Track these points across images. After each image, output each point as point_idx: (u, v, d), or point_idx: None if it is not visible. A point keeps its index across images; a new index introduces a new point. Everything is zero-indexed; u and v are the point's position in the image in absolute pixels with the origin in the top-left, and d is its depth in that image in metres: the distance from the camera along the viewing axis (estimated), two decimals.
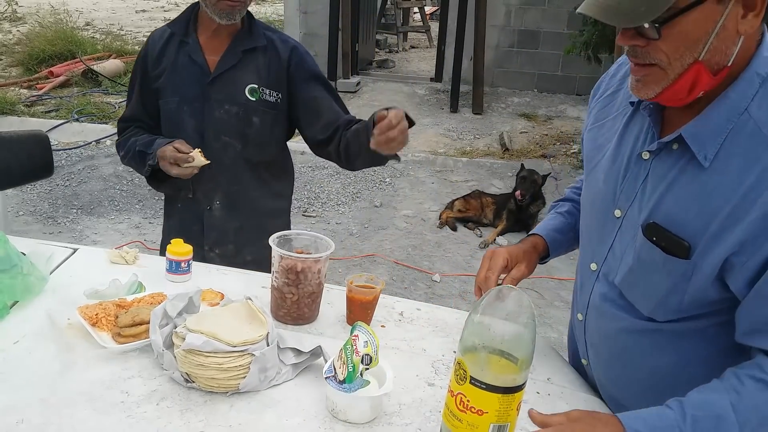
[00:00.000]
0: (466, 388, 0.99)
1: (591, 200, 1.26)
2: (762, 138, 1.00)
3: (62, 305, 1.38)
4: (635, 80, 1.06)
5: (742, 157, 1.01)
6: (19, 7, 11.80)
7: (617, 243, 1.18)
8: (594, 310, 1.24)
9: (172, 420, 1.09)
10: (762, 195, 0.98)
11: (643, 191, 1.13)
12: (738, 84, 1.02)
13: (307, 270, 1.36)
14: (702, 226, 1.04)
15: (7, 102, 6.59)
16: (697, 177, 1.05)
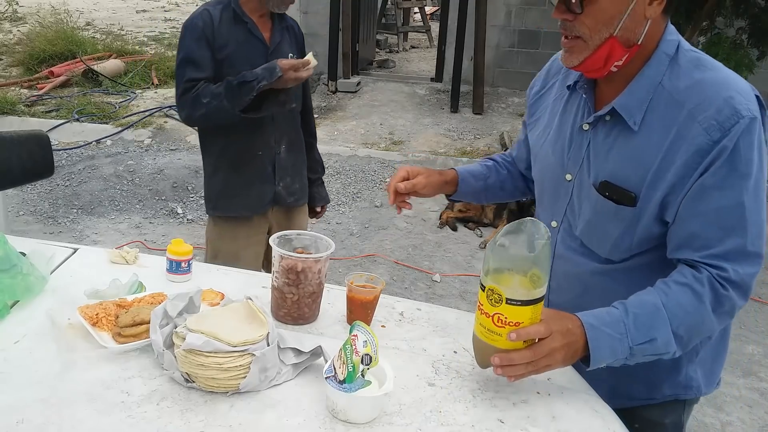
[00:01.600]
0: (503, 308, 1.15)
1: (542, 171, 1.49)
2: (675, 103, 1.25)
3: (62, 305, 1.38)
4: (564, 51, 1.30)
5: (662, 120, 1.26)
6: (19, 7, 11.80)
7: (575, 201, 1.40)
8: (559, 259, 1.45)
9: (172, 420, 1.09)
10: (681, 147, 1.23)
11: (588, 156, 1.36)
12: (651, 63, 1.28)
13: (307, 270, 1.37)
14: (641, 179, 1.28)
15: (8, 102, 6.59)
16: (630, 140, 1.29)
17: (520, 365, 1.17)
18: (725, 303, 1.24)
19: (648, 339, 1.20)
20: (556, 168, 1.44)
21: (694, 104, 1.23)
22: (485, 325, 1.18)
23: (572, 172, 1.40)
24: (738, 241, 1.23)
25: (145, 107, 6.81)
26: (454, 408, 1.19)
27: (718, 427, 3.07)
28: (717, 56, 4.79)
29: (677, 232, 1.28)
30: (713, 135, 1.20)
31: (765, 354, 3.71)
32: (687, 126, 1.22)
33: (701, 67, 1.27)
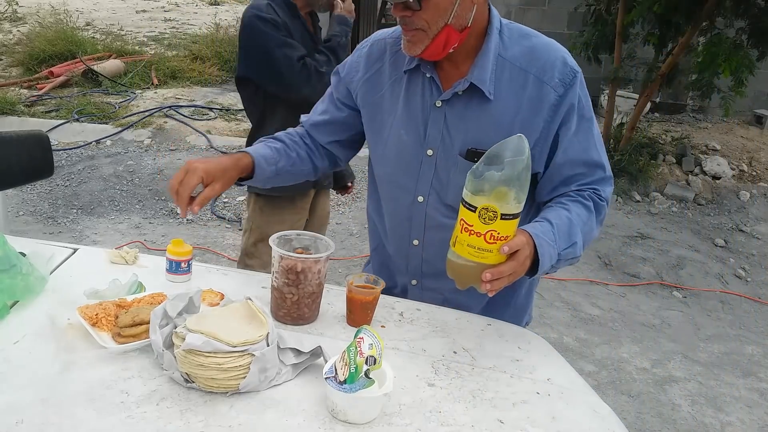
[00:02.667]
0: (497, 225, 1.22)
1: (396, 152, 1.56)
2: (518, 70, 1.45)
3: (62, 305, 1.38)
4: (406, 41, 1.43)
5: (511, 86, 1.45)
6: (19, 7, 11.79)
7: (440, 173, 1.52)
8: (432, 230, 1.57)
9: (171, 420, 1.09)
10: (536, 107, 1.44)
11: (447, 130, 1.49)
12: (488, 39, 1.45)
13: (307, 270, 1.36)
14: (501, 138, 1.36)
15: (8, 102, 6.58)
16: (487, 108, 1.46)
17: (505, 277, 1.27)
18: (603, 213, 1.50)
19: (570, 244, 1.39)
20: (414, 146, 1.53)
21: (537, 69, 1.45)
22: (475, 244, 1.24)
23: (433, 147, 1.51)
24: (600, 172, 1.50)
25: (144, 107, 6.81)
26: (454, 408, 1.19)
27: (717, 428, 3.07)
28: (717, 56, 4.79)
29: (551, 179, 1.50)
30: (559, 91, 1.44)
31: (764, 354, 3.71)
32: (537, 88, 1.44)
33: (526, 36, 1.49)
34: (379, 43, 1.61)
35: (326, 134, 1.69)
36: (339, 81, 1.67)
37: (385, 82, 1.58)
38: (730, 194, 5.72)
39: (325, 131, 1.69)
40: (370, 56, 1.61)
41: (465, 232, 1.24)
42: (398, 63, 1.55)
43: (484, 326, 1.49)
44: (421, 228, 1.58)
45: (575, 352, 3.55)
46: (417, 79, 1.52)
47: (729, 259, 4.83)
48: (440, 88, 1.49)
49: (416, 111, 1.52)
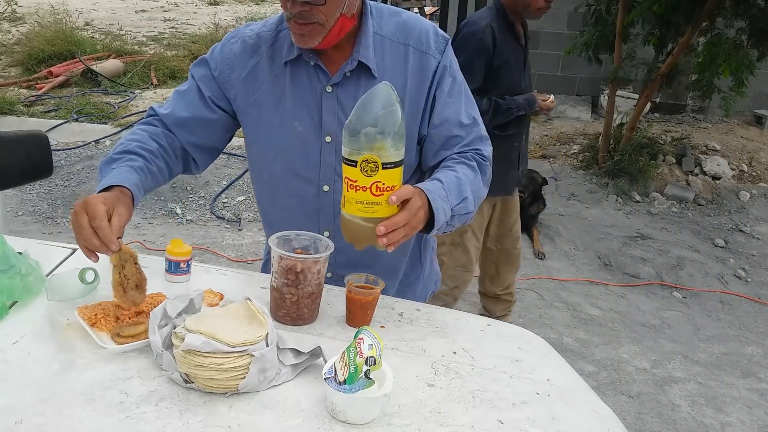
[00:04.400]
0: (380, 175, 1.22)
1: (293, 147, 1.54)
2: (397, 44, 1.51)
3: (61, 306, 1.37)
4: (299, 35, 1.42)
5: (392, 60, 1.51)
6: (18, 7, 11.79)
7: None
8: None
9: (171, 421, 1.09)
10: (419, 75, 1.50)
11: (343, 112, 1.49)
12: (365, 19, 1.50)
13: (306, 270, 1.36)
14: None
15: (7, 102, 6.58)
16: (374, 84, 1.39)
17: (401, 228, 1.27)
18: (487, 173, 1.56)
19: (461, 199, 1.43)
20: (311, 136, 1.53)
21: (414, 40, 1.51)
22: (363, 199, 1.24)
23: (331, 132, 1.52)
24: (476, 130, 1.56)
25: (144, 107, 6.80)
26: (454, 408, 1.18)
27: (717, 428, 3.07)
28: (717, 57, 4.79)
29: (432, 141, 1.55)
30: (437, 57, 1.51)
31: (765, 355, 3.71)
32: (417, 57, 1.51)
33: (395, 13, 1.55)
34: (250, 39, 1.56)
35: (190, 134, 1.58)
36: (210, 78, 1.57)
37: (264, 78, 1.54)
38: (730, 194, 5.72)
39: (189, 131, 1.58)
40: (243, 53, 1.56)
41: (351, 189, 1.25)
42: (275, 56, 1.53)
43: (484, 326, 1.49)
44: (330, 217, 1.59)
45: (575, 352, 3.55)
46: (301, 69, 1.51)
47: (729, 259, 4.83)
48: (327, 73, 1.50)
49: (306, 100, 1.52)
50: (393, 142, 1.21)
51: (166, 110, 1.59)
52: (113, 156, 1.48)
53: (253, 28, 1.59)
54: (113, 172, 1.42)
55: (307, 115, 1.53)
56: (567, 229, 5.07)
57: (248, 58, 1.55)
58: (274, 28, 1.56)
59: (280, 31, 1.55)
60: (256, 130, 1.58)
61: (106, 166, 1.46)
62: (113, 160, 1.47)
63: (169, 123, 1.58)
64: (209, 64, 1.58)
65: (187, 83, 1.61)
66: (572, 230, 5.06)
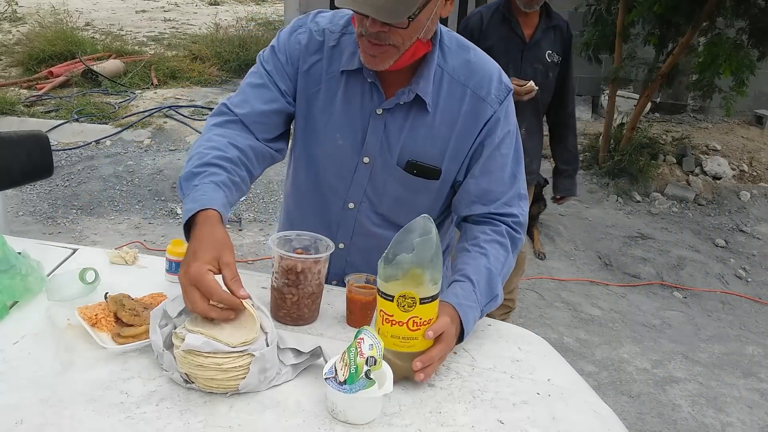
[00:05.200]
0: (417, 310, 1.18)
1: (330, 157, 1.51)
2: (456, 83, 1.45)
3: (61, 306, 1.37)
4: (370, 56, 1.34)
5: (448, 98, 1.45)
6: (19, 7, 11.79)
7: (377, 181, 1.50)
8: (360, 236, 1.57)
9: (171, 421, 1.09)
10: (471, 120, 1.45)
11: (387, 138, 1.46)
12: (433, 49, 1.42)
13: (307, 270, 1.36)
14: (441, 152, 1.47)
15: (7, 102, 6.58)
16: (426, 120, 1.45)
17: (436, 361, 1.23)
18: (519, 245, 1.52)
19: (491, 298, 1.41)
20: (350, 152, 1.49)
21: (474, 83, 1.45)
22: (399, 334, 1.20)
23: (371, 155, 1.48)
24: (517, 188, 1.51)
25: (144, 107, 6.80)
26: (454, 409, 1.18)
27: (718, 428, 3.07)
28: (717, 57, 4.79)
29: (469, 191, 1.50)
30: (494, 106, 1.45)
31: (765, 355, 3.71)
32: (474, 102, 1.44)
33: (465, 48, 1.47)
34: (317, 33, 1.49)
35: (269, 131, 1.51)
36: (281, 69, 1.50)
37: (321, 78, 1.48)
38: (731, 194, 5.72)
39: (268, 128, 1.51)
40: (309, 46, 1.49)
41: (387, 323, 1.20)
42: (334, 59, 1.47)
43: (484, 327, 1.49)
44: (349, 233, 1.58)
45: (575, 352, 3.55)
46: (356, 82, 1.46)
47: (729, 259, 4.83)
48: (382, 95, 1.44)
49: (354, 116, 1.47)
50: (431, 275, 1.17)
51: (243, 109, 1.48)
52: (193, 170, 1.36)
53: (320, 21, 1.50)
54: (196, 190, 1.32)
55: (351, 131, 1.48)
56: (567, 229, 5.07)
57: (312, 52, 1.49)
58: (339, 30, 1.48)
59: (344, 35, 1.47)
60: (303, 129, 1.54)
61: (186, 183, 1.35)
62: (194, 175, 1.35)
63: (247, 122, 1.48)
64: (278, 54, 1.50)
65: (258, 76, 1.52)
66: (573, 230, 5.06)
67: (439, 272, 1.18)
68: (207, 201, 1.28)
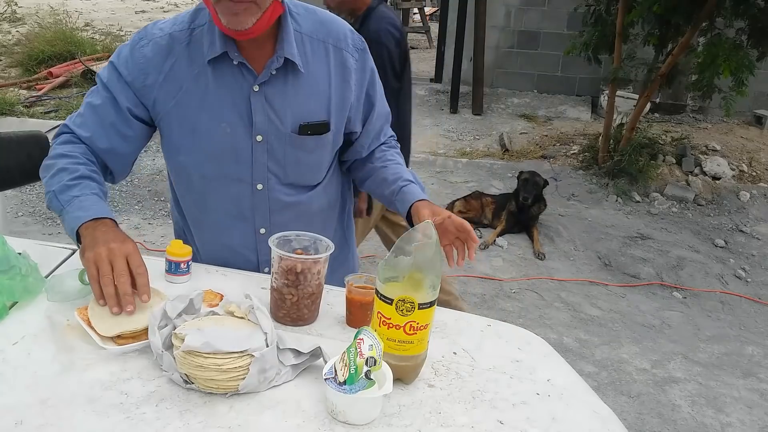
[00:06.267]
0: (415, 315, 1.18)
1: (223, 149, 1.53)
2: (317, 42, 1.54)
3: (61, 306, 1.37)
4: (233, 14, 1.36)
5: (315, 57, 1.53)
6: (18, 8, 11.79)
7: (276, 154, 1.56)
8: (277, 213, 1.62)
9: (171, 421, 1.09)
10: (343, 72, 1.56)
11: (273, 111, 1.51)
12: (285, 15, 1.49)
13: (306, 271, 1.36)
14: (325, 107, 1.55)
15: (7, 103, 6.58)
16: (302, 81, 1.52)
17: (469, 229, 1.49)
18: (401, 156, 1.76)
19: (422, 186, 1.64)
20: (240, 137, 1.52)
21: (333, 39, 1.55)
22: (395, 337, 1.19)
23: (262, 132, 1.52)
24: (388, 114, 1.73)
25: None
26: (454, 409, 1.18)
27: (717, 428, 3.07)
28: (717, 57, 4.79)
29: (368, 134, 1.67)
30: (356, 56, 1.58)
31: (765, 355, 3.71)
32: (338, 56, 1.55)
33: (312, 11, 1.56)
34: (162, 39, 1.50)
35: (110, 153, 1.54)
36: (123, 86, 1.50)
37: (183, 80, 1.49)
38: (730, 195, 5.72)
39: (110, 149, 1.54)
40: (157, 55, 1.49)
41: (383, 326, 1.20)
42: (193, 55, 1.49)
43: (484, 327, 1.49)
44: (266, 215, 1.62)
45: (575, 352, 3.55)
46: (224, 68, 1.48)
47: (729, 259, 4.83)
48: (253, 72, 1.48)
49: (234, 100, 1.50)
50: (431, 281, 1.17)
51: (86, 133, 1.52)
52: (67, 183, 1.42)
53: (162, 27, 1.53)
54: (81, 201, 1.40)
55: (236, 116, 1.51)
56: (567, 229, 5.07)
57: (163, 60, 1.49)
58: (186, 27, 1.51)
59: (193, 30, 1.50)
60: (181, 135, 1.53)
61: (63, 194, 1.41)
62: (69, 187, 1.42)
63: (89, 144, 1.52)
64: (119, 70, 1.50)
65: (98, 94, 1.53)
66: (572, 230, 5.06)
67: (438, 278, 1.18)
68: (101, 211, 1.39)
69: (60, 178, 1.43)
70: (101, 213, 1.38)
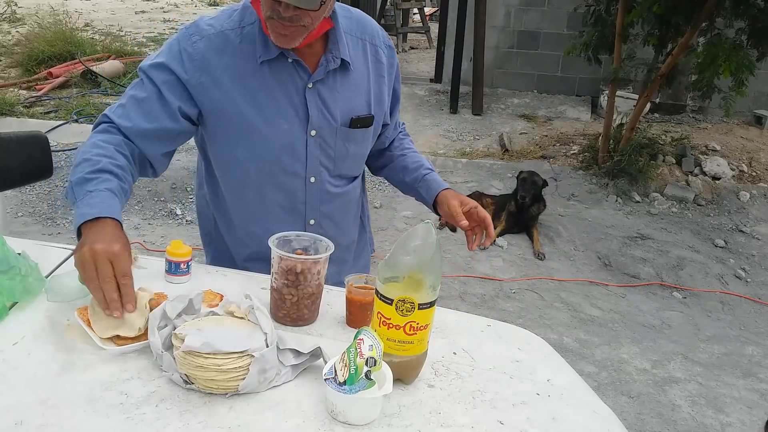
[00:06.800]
0: (415, 315, 1.18)
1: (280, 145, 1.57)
2: (355, 39, 1.61)
3: (61, 307, 1.37)
4: (281, 35, 1.43)
5: (356, 54, 1.60)
6: (18, 8, 11.79)
7: (328, 148, 1.62)
8: (326, 204, 1.68)
9: (171, 422, 1.09)
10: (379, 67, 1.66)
11: (326, 107, 1.58)
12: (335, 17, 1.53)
13: (306, 271, 1.36)
14: (367, 101, 1.64)
15: (6, 103, 6.58)
16: (350, 78, 1.60)
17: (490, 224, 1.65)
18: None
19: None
20: (297, 132, 1.58)
21: (368, 35, 1.64)
22: (395, 337, 1.19)
23: (316, 127, 1.59)
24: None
25: None
26: (454, 409, 1.18)
27: (717, 428, 3.07)
28: (717, 57, 4.79)
29: (393, 126, 1.81)
30: (386, 52, 1.67)
31: (765, 355, 3.71)
32: (374, 52, 1.65)
33: (344, 8, 1.61)
34: (215, 37, 1.51)
35: (153, 146, 1.53)
36: (175, 83, 1.50)
37: (237, 78, 1.52)
38: (730, 195, 5.72)
39: (152, 143, 1.52)
40: (212, 52, 1.51)
41: (383, 326, 1.20)
42: (246, 54, 1.51)
43: (484, 327, 1.49)
44: (316, 207, 1.67)
45: (575, 353, 3.55)
46: (280, 66, 1.53)
47: (729, 259, 4.83)
48: (308, 70, 1.54)
49: (290, 97, 1.55)
50: (431, 282, 1.17)
51: (127, 123, 1.50)
52: (86, 176, 1.38)
53: (213, 24, 1.53)
54: (92, 196, 1.35)
55: (292, 113, 1.56)
56: (567, 229, 5.07)
57: (218, 57, 1.51)
58: (237, 26, 1.53)
59: (243, 28, 1.53)
60: (238, 131, 1.56)
61: (79, 187, 1.37)
62: (86, 180, 1.38)
63: (131, 135, 1.50)
64: (172, 66, 1.50)
65: (143, 88, 1.51)
66: (572, 231, 5.06)
67: (438, 278, 1.18)
68: (106, 209, 1.33)
69: (81, 169, 1.40)
70: (105, 212, 1.33)
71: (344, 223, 1.77)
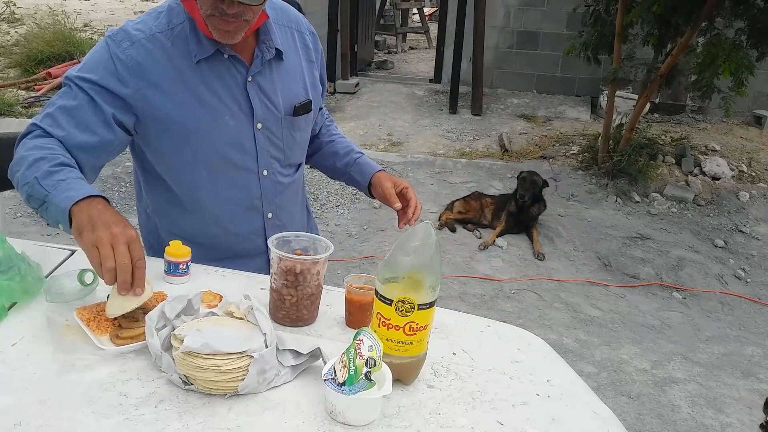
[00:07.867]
0: (414, 316, 1.17)
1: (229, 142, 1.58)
2: (281, 26, 1.64)
3: (60, 307, 1.37)
4: (224, 31, 1.44)
5: (284, 40, 1.63)
6: (17, 9, 11.78)
7: (277, 139, 1.65)
8: (280, 196, 1.71)
9: (170, 422, 1.09)
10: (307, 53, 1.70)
11: (267, 98, 1.60)
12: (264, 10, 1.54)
13: (306, 271, 1.36)
14: (304, 87, 1.68)
15: (5, 103, 6.58)
16: (283, 66, 1.63)
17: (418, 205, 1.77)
18: None
19: None
20: (243, 127, 1.58)
21: (293, 23, 1.68)
22: (394, 338, 1.19)
23: (261, 119, 1.60)
24: None
25: None
26: (453, 410, 1.18)
27: (717, 429, 3.07)
28: (717, 57, 4.79)
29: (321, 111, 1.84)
30: (310, 38, 1.72)
31: (765, 355, 3.71)
32: (301, 39, 1.69)
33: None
34: (146, 41, 1.48)
35: (87, 156, 1.46)
36: (108, 92, 1.45)
37: (175, 79, 1.50)
38: (730, 195, 5.72)
39: (86, 153, 1.46)
40: (146, 57, 1.47)
41: (383, 327, 1.19)
42: (181, 54, 1.50)
43: (484, 327, 1.49)
44: (272, 199, 1.70)
45: (575, 353, 3.55)
46: (216, 63, 1.53)
47: (729, 259, 4.83)
48: (245, 63, 1.56)
49: (231, 93, 1.56)
50: (431, 282, 1.16)
51: (60, 132, 1.43)
52: (50, 169, 1.35)
53: (141, 28, 1.50)
54: (68, 183, 1.33)
55: (236, 108, 1.57)
56: (567, 229, 5.07)
57: (152, 62, 1.48)
58: (166, 27, 1.51)
59: (173, 29, 1.51)
60: (186, 132, 1.53)
61: (47, 180, 1.33)
62: (52, 173, 1.34)
63: (66, 144, 1.44)
64: (101, 74, 1.45)
65: (72, 97, 1.45)
66: (572, 231, 5.06)
67: (437, 279, 1.18)
68: (91, 190, 1.32)
69: (39, 167, 1.35)
70: (93, 191, 1.31)
71: (295, 212, 1.81)
